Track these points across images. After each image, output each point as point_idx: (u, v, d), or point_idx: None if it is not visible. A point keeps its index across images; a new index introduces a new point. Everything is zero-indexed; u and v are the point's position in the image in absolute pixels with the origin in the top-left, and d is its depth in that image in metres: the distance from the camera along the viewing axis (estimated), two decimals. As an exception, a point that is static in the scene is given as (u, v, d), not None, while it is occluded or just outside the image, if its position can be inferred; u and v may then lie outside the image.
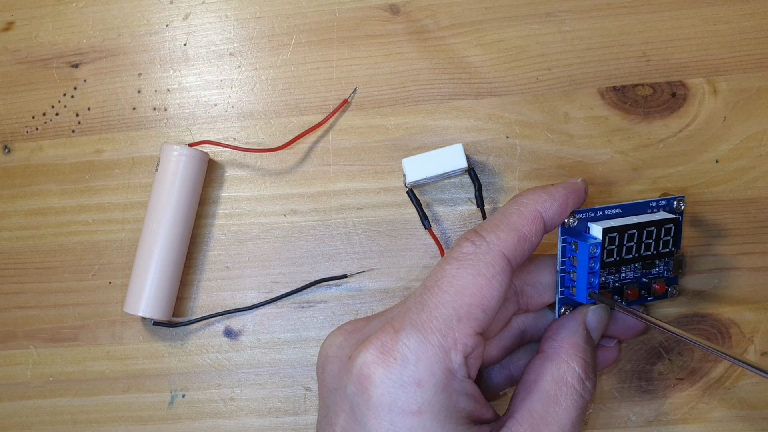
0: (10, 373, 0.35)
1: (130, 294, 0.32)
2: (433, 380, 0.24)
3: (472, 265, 0.25)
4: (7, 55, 0.36)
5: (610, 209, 0.29)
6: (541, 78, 0.34)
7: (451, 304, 0.25)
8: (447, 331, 0.24)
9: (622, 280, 0.30)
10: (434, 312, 0.25)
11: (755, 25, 0.33)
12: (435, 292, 0.25)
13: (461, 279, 0.25)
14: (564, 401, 0.26)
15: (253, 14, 0.35)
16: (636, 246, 0.29)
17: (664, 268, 0.30)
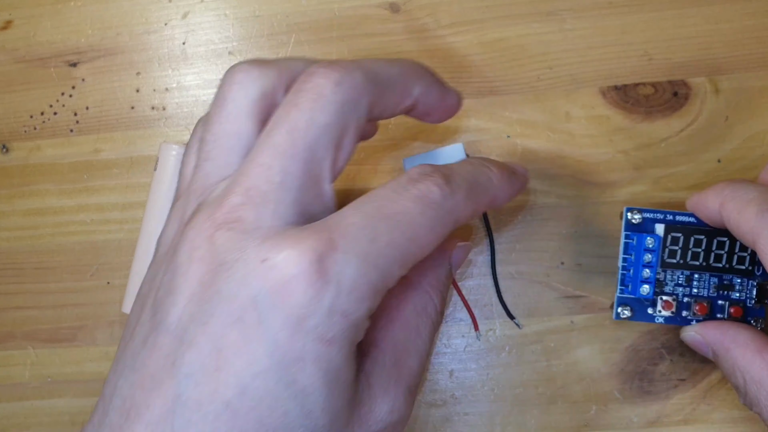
0: (8, 374, 0.35)
1: (129, 294, 0.32)
2: (356, 315, 0.22)
3: (432, 216, 0.23)
4: (5, 54, 0.36)
5: (683, 216, 0.29)
6: (542, 77, 0.33)
7: (402, 248, 0.23)
8: (387, 274, 0.23)
9: (692, 295, 0.29)
10: (384, 249, 0.22)
11: (757, 24, 0.33)
12: (392, 229, 0.23)
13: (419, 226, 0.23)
14: (423, 331, 0.27)
15: (252, 13, 0.35)
16: (704, 254, 0.28)
17: (747, 296, 0.29)
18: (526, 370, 0.33)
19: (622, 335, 0.32)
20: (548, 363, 0.33)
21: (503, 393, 0.33)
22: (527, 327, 0.33)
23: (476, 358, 0.33)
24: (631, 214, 0.28)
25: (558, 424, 0.32)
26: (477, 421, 0.33)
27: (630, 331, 0.32)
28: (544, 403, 0.33)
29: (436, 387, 0.33)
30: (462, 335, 0.33)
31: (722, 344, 0.28)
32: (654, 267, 0.29)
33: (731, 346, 0.28)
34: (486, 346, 0.33)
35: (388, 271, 0.23)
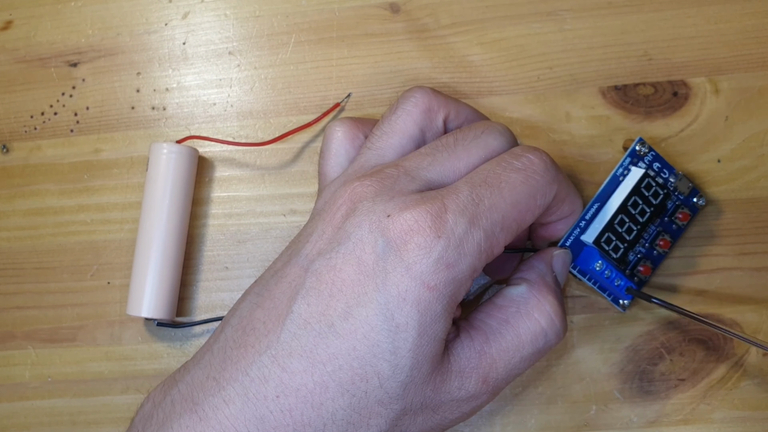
0: (8, 374, 0.35)
1: (132, 296, 0.32)
2: (458, 269, 0.25)
3: (534, 184, 0.26)
4: (6, 54, 0.36)
5: (588, 211, 0.30)
6: (542, 77, 0.33)
7: (503, 211, 0.26)
8: (490, 235, 0.25)
9: (650, 239, 0.31)
10: (487, 212, 0.25)
11: (757, 24, 0.33)
12: (494, 194, 0.26)
13: (520, 192, 0.26)
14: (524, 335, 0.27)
15: (252, 13, 0.35)
16: (633, 223, 0.30)
17: (675, 197, 0.31)
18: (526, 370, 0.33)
19: (622, 335, 0.32)
20: (548, 363, 0.33)
21: (503, 393, 0.33)
22: (527, 327, 0.33)
23: (476, 358, 0.33)
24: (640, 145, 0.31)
25: (558, 423, 0.32)
26: (477, 420, 0.33)
27: (630, 331, 0.32)
28: (544, 403, 0.33)
29: (436, 387, 0.33)
30: (462, 335, 0.33)
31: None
32: (616, 275, 0.31)
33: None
34: (486, 346, 0.33)
35: (491, 232, 0.25)
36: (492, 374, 0.27)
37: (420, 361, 0.25)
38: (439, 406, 0.26)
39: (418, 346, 0.25)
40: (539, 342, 0.27)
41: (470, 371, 0.26)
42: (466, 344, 0.27)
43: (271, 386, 0.25)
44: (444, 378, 0.26)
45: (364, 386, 0.25)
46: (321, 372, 0.25)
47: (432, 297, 0.25)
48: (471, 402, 0.27)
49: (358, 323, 0.25)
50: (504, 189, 0.26)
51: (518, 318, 0.27)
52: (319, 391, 0.25)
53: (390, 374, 0.25)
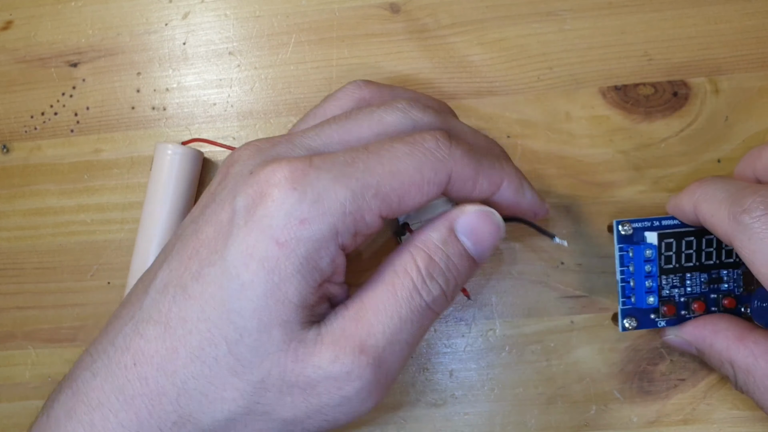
0: (8, 374, 0.35)
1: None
2: (316, 228, 0.23)
3: (420, 158, 0.24)
4: (6, 54, 0.36)
5: (668, 219, 0.29)
6: (542, 77, 0.33)
7: (379, 177, 0.24)
8: (358, 196, 0.23)
9: (687, 294, 0.29)
10: (359, 173, 0.24)
11: (757, 24, 0.33)
12: (372, 158, 0.24)
13: (403, 163, 0.24)
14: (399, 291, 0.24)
15: (252, 13, 0.35)
16: (696, 254, 0.29)
17: (734, 285, 0.30)
18: (526, 370, 0.33)
19: (622, 335, 0.32)
20: (548, 363, 0.33)
21: (503, 393, 0.33)
22: (527, 327, 0.33)
23: (476, 357, 0.33)
24: (621, 226, 0.29)
25: (558, 423, 0.32)
26: (477, 420, 0.33)
27: (630, 331, 0.32)
28: (544, 403, 0.33)
29: (436, 387, 0.33)
30: (462, 335, 0.33)
31: (704, 340, 0.29)
32: (655, 276, 0.29)
33: (713, 340, 0.29)
34: (486, 346, 0.33)
35: (360, 194, 0.23)
36: (370, 341, 0.24)
37: (267, 324, 0.23)
38: (310, 385, 0.24)
39: (264, 307, 0.23)
40: (415, 302, 0.25)
41: (345, 340, 0.24)
42: (341, 313, 0.25)
43: (130, 354, 0.24)
44: (311, 350, 0.24)
45: (213, 352, 0.24)
46: (172, 337, 0.24)
47: (281, 254, 0.23)
48: (353, 381, 0.24)
49: (207, 284, 0.24)
50: (384, 156, 0.24)
51: (392, 275, 0.25)
52: (170, 356, 0.24)
53: (236, 338, 0.23)
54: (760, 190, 0.25)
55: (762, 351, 0.27)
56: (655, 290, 0.29)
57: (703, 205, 0.27)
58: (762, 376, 0.27)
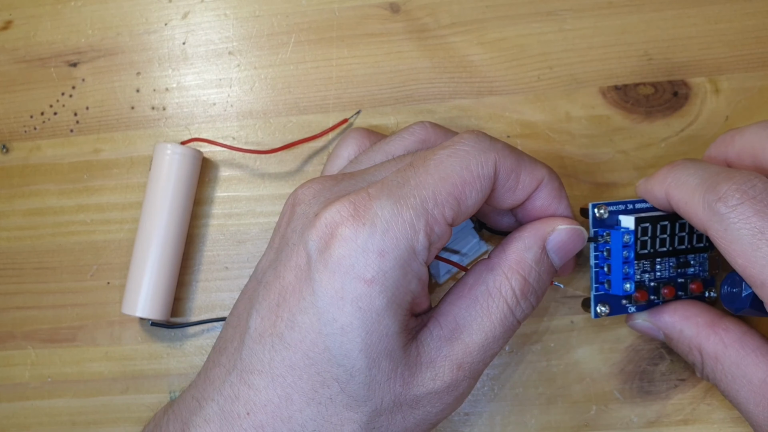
0: (8, 374, 0.35)
1: (127, 295, 0.32)
2: (396, 254, 0.24)
3: (464, 156, 0.25)
4: (5, 54, 0.36)
5: (640, 203, 0.29)
6: (542, 77, 0.33)
7: (433, 187, 0.24)
8: (422, 211, 0.24)
9: (657, 279, 0.29)
10: (414, 190, 0.24)
11: (758, 24, 0.33)
12: (420, 172, 0.25)
13: (449, 166, 0.25)
14: (493, 314, 0.26)
15: (252, 13, 0.35)
16: (670, 239, 0.29)
17: (700, 269, 0.30)
18: (526, 370, 0.33)
19: (622, 335, 0.32)
20: (548, 363, 0.33)
21: (503, 393, 0.33)
22: (527, 327, 0.33)
23: (476, 358, 0.33)
24: (597, 210, 0.28)
25: (558, 424, 0.32)
26: (477, 420, 0.33)
27: (630, 331, 0.32)
28: (544, 403, 0.33)
29: (436, 387, 0.33)
30: (462, 335, 0.33)
31: (674, 326, 0.29)
32: (632, 262, 0.28)
33: (683, 326, 0.28)
34: (486, 346, 0.33)
35: (422, 209, 0.24)
36: (467, 359, 0.25)
37: (375, 359, 0.24)
38: (416, 402, 0.25)
39: (369, 344, 0.24)
40: (509, 321, 0.26)
41: (442, 360, 0.25)
42: (435, 333, 0.26)
43: (241, 404, 0.25)
44: (413, 371, 0.25)
45: (327, 393, 0.24)
46: (282, 385, 0.24)
47: (372, 291, 0.23)
48: (451, 392, 0.26)
49: (304, 331, 0.24)
50: (430, 166, 0.25)
51: (486, 296, 0.26)
52: (284, 404, 0.24)
53: (348, 377, 0.24)
54: (734, 176, 0.24)
55: (732, 339, 0.27)
56: (632, 276, 0.28)
57: (676, 191, 0.26)
58: (730, 364, 0.27)
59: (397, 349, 0.24)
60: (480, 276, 0.26)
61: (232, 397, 0.25)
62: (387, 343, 0.24)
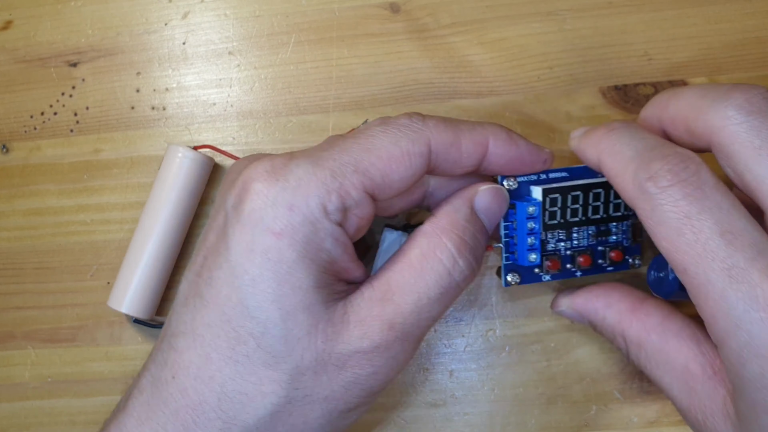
0: (8, 374, 0.35)
1: (115, 289, 0.32)
2: (305, 210, 0.24)
3: (395, 133, 0.25)
4: (5, 54, 0.36)
5: (555, 172, 0.29)
6: (542, 77, 0.33)
7: (356, 154, 0.25)
8: (338, 173, 0.24)
9: (574, 247, 0.29)
10: (336, 155, 0.25)
11: (757, 24, 0.33)
12: (348, 141, 0.25)
13: (378, 140, 0.25)
14: (428, 275, 0.25)
15: (252, 13, 0.35)
16: (582, 209, 0.28)
17: (623, 236, 0.30)
18: (527, 370, 0.33)
19: (622, 335, 0.32)
20: (548, 363, 0.33)
21: (503, 393, 0.33)
22: (527, 327, 0.33)
23: (476, 358, 0.33)
24: (506, 181, 0.28)
25: (558, 424, 0.32)
26: (477, 420, 0.33)
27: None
28: (544, 403, 0.33)
29: (436, 387, 0.33)
30: (462, 335, 0.33)
31: (596, 313, 0.29)
32: (537, 233, 0.28)
33: (606, 314, 0.28)
34: (486, 346, 0.33)
35: (339, 171, 0.24)
36: (398, 319, 0.25)
37: (290, 311, 0.24)
38: (343, 362, 0.25)
39: (280, 295, 0.24)
40: (444, 282, 0.25)
41: (372, 319, 0.25)
42: (367, 294, 0.25)
43: (168, 368, 0.25)
44: (339, 329, 0.25)
45: (243, 350, 0.24)
46: (202, 344, 0.24)
47: (282, 243, 0.24)
48: (382, 353, 0.25)
49: (219, 286, 0.24)
50: (359, 137, 0.25)
51: (421, 259, 0.26)
52: (204, 364, 0.24)
53: (262, 331, 0.24)
54: (668, 156, 0.24)
55: (653, 324, 0.27)
56: (537, 248, 0.28)
57: (608, 160, 0.25)
58: (653, 350, 0.27)
59: (315, 304, 0.24)
60: (415, 241, 0.26)
61: (161, 363, 0.25)
62: (301, 296, 0.24)
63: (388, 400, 0.33)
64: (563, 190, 0.28)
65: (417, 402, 0.33)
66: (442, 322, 0.33)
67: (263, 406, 0.24)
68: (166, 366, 0.25)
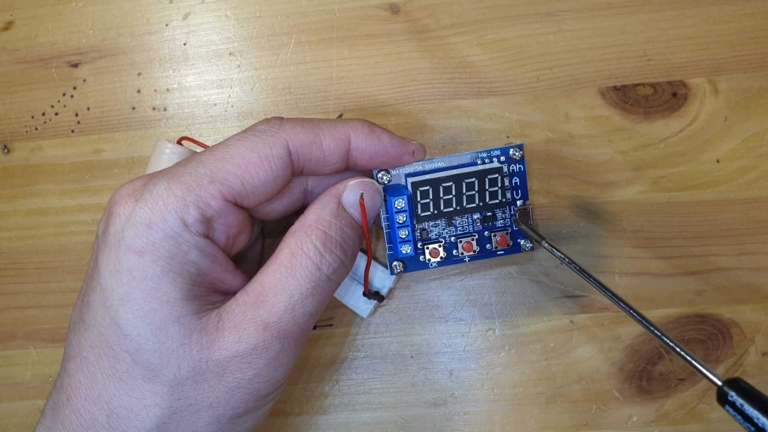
0: (9, 374, 0.35)
1: None
2: (164, 226, 0.24)
3: (252, 139, 0.26)
4: (7, 54, 0.36)
5: (431, 163, 0.29)
6: (542, 77, 0.33)
7: (212, 165, 0.25)
8: (194, 186, 0.25)
9: (458, 234, 0.30)
10: (191, 168, 0.25)
11: (756, 24, 0.33)
12: (205, 154, 0.26)
13: (235, 148, 0.26)
14: (297, 272, 0.26)
15: (252, 14, 0.35)
16: (456, 198, 0.29)
17: (510, 221, 0.30)
18: (526, 370, 0.33)
19: (622, 335, 0.33)
20: (548, 362, 0.33)
21: (503, 392, 0.33)
22: (527, 327, 0.33)
23: (476, 357, 0.33)
24: (380, 175, 0.29)
25: (558, 423, 0.33)
26: (477, 420, 0.33)
27: (629, 331, 0.32)
28: (543, 403, 0.33)
29: (436, 386, 0.33)
30: (462, 335, 0.33)
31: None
32: (409, 226, 0.29)
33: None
34: (486, 346, 0.33)
35: (195, 184, 0.25)
36: (272, 319, 0.25)
37: (160, 326, 0.24)
38: (222, 368, 0.25)
39: (149, 311, 0.24)
40: (314, 277, 0.26)
41: (247, 323, 0.25)
42: (241, 300, 0.26)
43: (63, 392, 0.26)
44: (213, 337, 0.25)
45: (122, 367, 0.25)
46: (87, 365, 0.25)
47: (143, 261, 0.24)
48: (261, 354, 0.25)
49: (95, 308, 0.25)
50: (216, 149, 0.26)
51: (290, 257, 0.26)
52: (91, 384, 0.25)
53: (136, 347, 0.24)
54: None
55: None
56: (410, 239, 0.29)
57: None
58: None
59: (186, 315, 0.25)
60: (284, 241, 0.27)
61: (58, 387, 0.26)
62: (170, 309, 0.25)
63: (388, 400, 0.33)
64: (434, 182, 0.29)
65: (417, 401, 0.33)
66: (442, 322, 0.33)
67: (149, 419, 0.25)
68: (62, 389, 0.26)
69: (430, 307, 0.33)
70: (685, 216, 0.33)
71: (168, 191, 0.25)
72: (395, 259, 0.30)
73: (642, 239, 0.33)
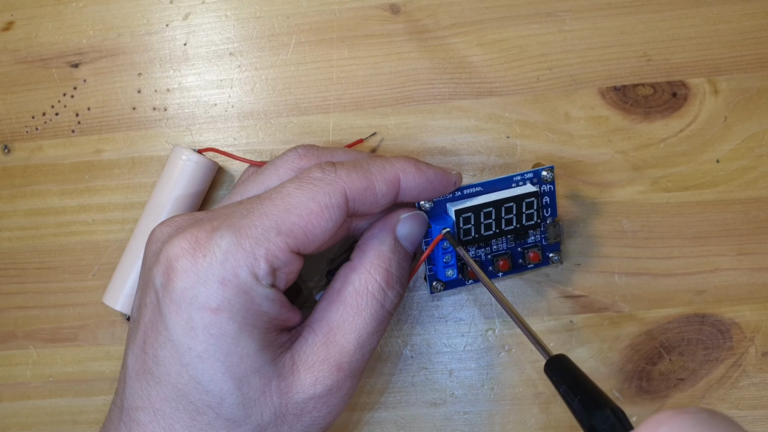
0: (9, 374, 0.35)
1: (111, 286, 0.32)
2: (236, 282, 0.24)
3: (311, 188, 0.26)
4: (7, 54, 0.36)
5: (470, 188, 0.30)
6: (542, 78, 0.33)
7: (276, 217, 0.25)
8: (262, 240, 0.25)
9: (493, 252, 0.31)
10: (256, 220, 0.25)
11: (756, 24, 0.33)
12: (265, 203, 0.26)
13: (295, 198, 0.26)
14: (364, 311, 0.27)
15: (253, 14, 0.35)
16: (495, 222, 0.30)
17: (541, 237, 0.31)
18: (526, 370, 0.33)
19: (622, 335, 0.33)
20: (548, 362, 0.33)
21: (503, 392, 0.33)
22: (527, 326, 0.33)
23: (476, 357, 0.33)
24: (423, 203, 0.29)
25: (557, 423, 0.33)
26: (477, 420, 0.33)
27: (629, 331, 0.32)
28: (543, 403, 0.33)
29: (436, 386, 0.33)
30: (462, 335, 0.33)
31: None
32: (452, 251, 0.30)
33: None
34: (486, 346, 0.33)
35: (262, 238, 0.25)
36: (345, 359, 0.26)
37: (242, 378, 0.25)
38: (300, 409, 0.26)
39: (230, 366, 0.25)
40: (379, 315, 0.27)
41: (321, 364, 0.26)
42: (310, 340, 0.26)
43: None
44: (290, 382, 0.26)
45: (204, 419, 0.25)
46: (163, 417, 0.25)
47: (220, 319, 0.24)
48: (335, 393, 0.26)
49: (168, 365, 0.25)
50: (275, 198, 0.26)
51: (355, 296, 0.27)
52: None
53: (219, 402, 0.25)
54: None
55: None
56: (453, 264, 0.30)
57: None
58: None
59: (264, 365, 0.25)
60: (346, 278, 0.27)
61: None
62: (250, 361, 0.25)
63: (388, 400, 0.33)
64: (476, 209, 0.29)
65: (417, 401, 0.33)
66: (442, 322, 0.33)
67: None
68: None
69: (430, 307, 0.33)
70: (685, 216, 0.33)
71: (237, 246, 0.25)
72: (435, 280, 0.31)
73: (642, 239, 0.33)
